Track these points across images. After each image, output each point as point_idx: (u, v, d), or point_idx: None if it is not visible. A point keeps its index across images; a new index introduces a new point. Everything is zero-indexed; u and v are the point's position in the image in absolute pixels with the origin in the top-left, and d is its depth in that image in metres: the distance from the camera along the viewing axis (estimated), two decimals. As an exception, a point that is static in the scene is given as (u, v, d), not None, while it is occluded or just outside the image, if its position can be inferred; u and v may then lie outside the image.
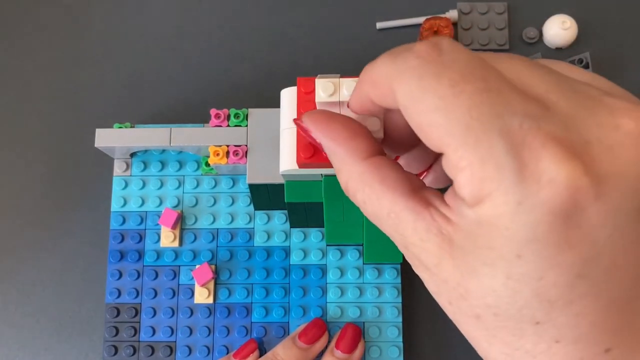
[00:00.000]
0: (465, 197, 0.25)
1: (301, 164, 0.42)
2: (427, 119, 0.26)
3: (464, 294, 0.27)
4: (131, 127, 0.55)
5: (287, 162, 0.44)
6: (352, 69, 0.60)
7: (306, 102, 0.41)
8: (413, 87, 0.26)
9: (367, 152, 0.30)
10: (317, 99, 0.39)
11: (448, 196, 0.27)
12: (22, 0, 0.64)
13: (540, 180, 0.24)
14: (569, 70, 0.28)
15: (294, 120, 0.35)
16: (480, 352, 0.29)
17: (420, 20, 0.61)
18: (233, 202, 0.57)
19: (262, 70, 0.62)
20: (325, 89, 0.39)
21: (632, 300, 0.26)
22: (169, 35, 0.63)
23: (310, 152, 0.41)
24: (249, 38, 0.63)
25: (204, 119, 0.56)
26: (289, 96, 0.44)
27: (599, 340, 0.26)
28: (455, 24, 0.62)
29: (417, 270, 0.29)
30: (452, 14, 0.62)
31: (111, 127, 0.55)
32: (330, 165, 0.42)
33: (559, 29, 0.59)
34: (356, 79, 0.39)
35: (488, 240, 0.25)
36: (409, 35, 0.62)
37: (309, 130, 0.32)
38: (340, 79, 0.39)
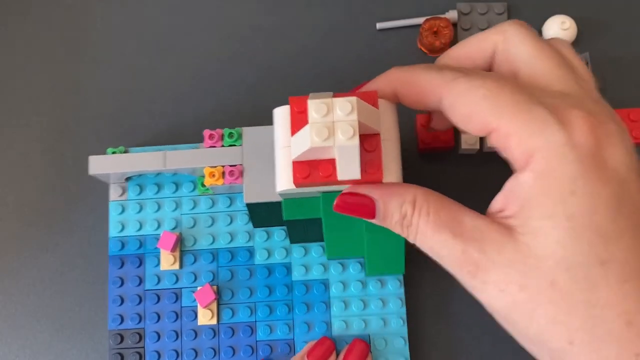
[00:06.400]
0: (518, 157, 0.32)
1: (298, 184, 0.41)
2: (478, 106, 0.33)
3: (534, 264, 0.31)
4: (125, 150, 0.54)
5: (284, 182, 0.43)
6: (352, 69, 0.61)
7: (299, 122, 0.40)
8: (463, 87, 0.34)
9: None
10: (310, 120, 0.38)
11: (499, 199, 0.35)
12: (7, 19, 0.63)
13: (573, 128, 0.31)
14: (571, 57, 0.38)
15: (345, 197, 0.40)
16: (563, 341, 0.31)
17: (420, 20, 0.61)
18: (231, 221, 0.56)
19: (262, 70, 0.62)
20: (318, 110, 0.38)
21: None
22: (158, 54, 0.62)
23: (307, 172, 0.41)
24: (248, 37, 0.62)
25: (197, 138, 0.56)
26: (282, 115, 0.43)
27: None
28: (455, 25, 0.61)
29: (482, 272, 0.33)
30: (452, 15, 0.61)
31: (104, 144, 0.54)
32: (326, 184, 0.41)
33: (558, 29, 0.59)
34: (348, 97, 0.38)
35: (543, 190, 0.31)
36: (409, 35, 0.61)
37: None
38: (333, 99, 0.38)
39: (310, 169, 0.40)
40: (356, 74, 0.60)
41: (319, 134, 0.37)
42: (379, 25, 0.62)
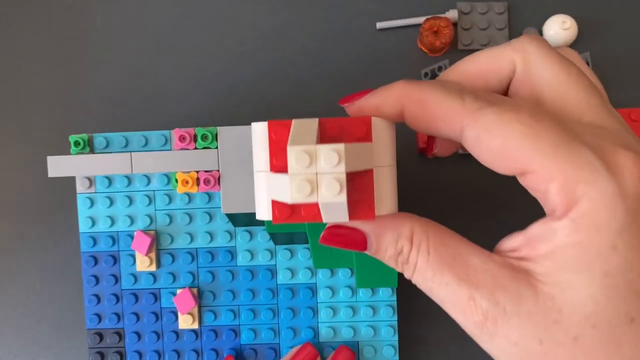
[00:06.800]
0: (556, 204, 0.29)
1: (277, 222, 0.37)
2: (513, 144, 0.30)
3: (557, 318, 0.29)
4: (89, 138, 0.51)
5: (264, 212, 0.37)
6: (352, 69, 0.60)
7: (278, 151, 0.36)
8: (492, 119, 0.30)
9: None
10: (290, 171, 0.32)
11: (517, 239, 0.32)
12: (7, 19, 0.64)
13: (624, 174, 0.28)
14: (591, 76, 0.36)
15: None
16: None
17: (420, 20, 0.60)
18: (211, 219, 0.53)
19: (262, 70, 0.61)
20: (299, 160, 0.32)
21: None
22: (158, 54, 0.62)
23: (288, 212, 0.36)
24: (248, 37, 0.62)
25: (168, 124, 0.56)
26: (260, 133, 0.37)
27: None
28: (455, 24, 0.60)
29: (491, 323, 0.30)
30: (452, 14, 0.60)
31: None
32: (309, 220, 0.37)
33: (559, 29, 0.58)
34: (335, 145, 0.31)
35: (582, 242, 0.28)
36: (409, 35, 0.60)
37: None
38: (317, 147, 0.33)
39: (292, 209, 0.36)
40: (356, 74, 0.60)
41: (300, 190, 0.32)
42: (379, 25, 0.61)
